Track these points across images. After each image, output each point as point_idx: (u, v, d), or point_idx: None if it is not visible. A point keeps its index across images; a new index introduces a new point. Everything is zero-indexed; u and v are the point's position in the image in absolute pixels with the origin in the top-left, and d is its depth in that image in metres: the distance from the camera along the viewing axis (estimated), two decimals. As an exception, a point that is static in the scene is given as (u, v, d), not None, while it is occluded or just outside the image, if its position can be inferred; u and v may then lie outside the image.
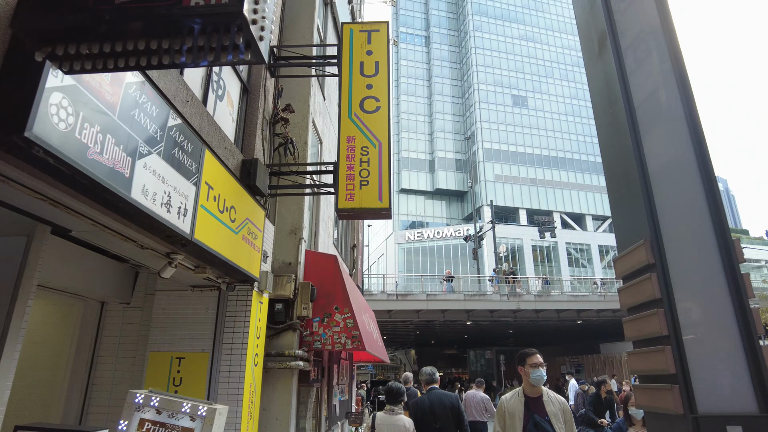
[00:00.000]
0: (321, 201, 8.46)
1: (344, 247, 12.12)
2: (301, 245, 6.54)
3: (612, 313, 25.90)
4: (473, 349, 42.41)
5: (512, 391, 4.25)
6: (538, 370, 4.05)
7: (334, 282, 6.67)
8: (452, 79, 61.16)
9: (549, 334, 32.26)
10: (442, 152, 58.13)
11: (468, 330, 29.98)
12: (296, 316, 6.21)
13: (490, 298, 23.43)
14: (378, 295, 22.58)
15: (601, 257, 52.01)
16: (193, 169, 3.78)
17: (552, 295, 24.45)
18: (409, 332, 33.61)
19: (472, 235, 30.02)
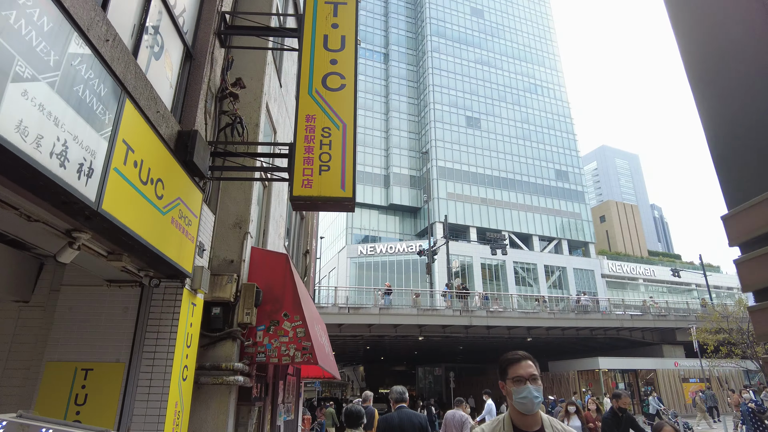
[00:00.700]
0: (272, 196, 7.58)
1: (296, 252, 11.19)
2: (246, 241, 5.63)
3: (561, 332, 26.03)
4: (422, 365, 41.75)
5: (493, 420, 2.47)
6: (524, 389, 2.28)
7: (283, 285, 5.78)
8: (409, 97, 61.49)
9: (499, 351, 32.12)
10: (398, 168, 57.98)
11: (419, 346, 29.33)
12: (237, 323, 5.27)
13: (443, 313, 22.90)
14: (329, 308, 21.55)
15: (547, 277, 53.04)
16: (107, 119, 2.88)
17: (504, 312, 24.24)
18: (358, 348, 32.56)
19: (426, 249, 29.57)
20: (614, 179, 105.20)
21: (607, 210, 70.16)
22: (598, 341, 28.13)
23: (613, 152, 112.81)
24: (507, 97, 61.84)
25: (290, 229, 10.46)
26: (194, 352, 4.64)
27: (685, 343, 27.60)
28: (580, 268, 55.23)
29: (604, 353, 26.69)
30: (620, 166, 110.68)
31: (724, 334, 21.54)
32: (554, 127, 62.66)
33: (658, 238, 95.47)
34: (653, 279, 56.63)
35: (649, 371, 26.69)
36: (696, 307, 30.07)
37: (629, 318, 26.60)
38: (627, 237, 67.59)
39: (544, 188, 58.90)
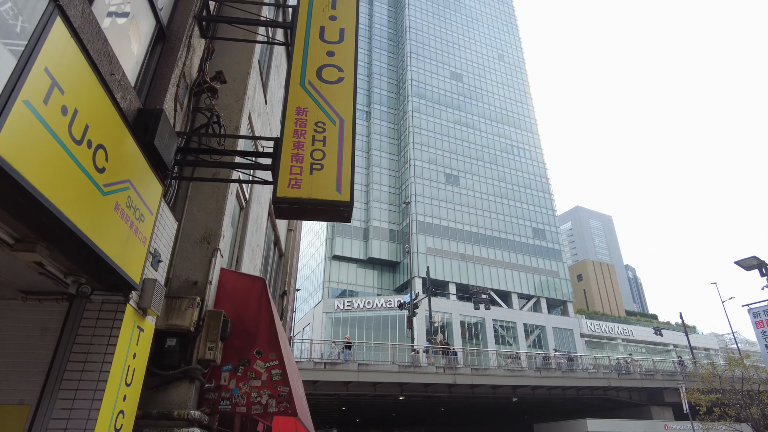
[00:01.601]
0: (249, 221, 6.63)
1: (272, 293, 10.06)
2: (215, 259, 4.61)
3: (547, 391, 24.65)
4: (400, 429, 39.16)
5: None
6: None
7: (258, 316, 4.72)
8: (390, 153, 62.08)
9: (482, 413, 30.29)
10: (377, 221, 57.42)
11: (398, 406, 27.38)
12: (197, 360, 4.16)
13: (426, 370, 21.44)
14: (303, 363, 19.92)
15: (527, 336, 51.84)
16: (19, 28, 1.98)
17: (489, 370, 22.88)
18: (333, 409, 30.26)
19: (407, 302, 28.32)
20: (589, 239, 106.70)
21: (584, 269, 70.27)
22: (585, 401, 26.73)
23: (587, 213, 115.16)
24: (485, 157, 62.99)
25: (267, 266, 9.40)
26: (136, 393, 3.50)
27: (673, 404, 26.43)
28: (559, 327, 54.24)
29: (591, 414, 25.27)
30: (594, 227, 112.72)
31: (717, 394, 20.58)
32: (531, 186, 63.67)
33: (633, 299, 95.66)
34: (632, 339, 55.87)
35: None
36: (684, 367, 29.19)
37: (616, 377, 25.46)
38: (604, 296, 67.33)
39: (522, 246, 58.87)
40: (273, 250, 9.97)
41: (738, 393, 20.19)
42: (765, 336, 10.94)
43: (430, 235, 54.76)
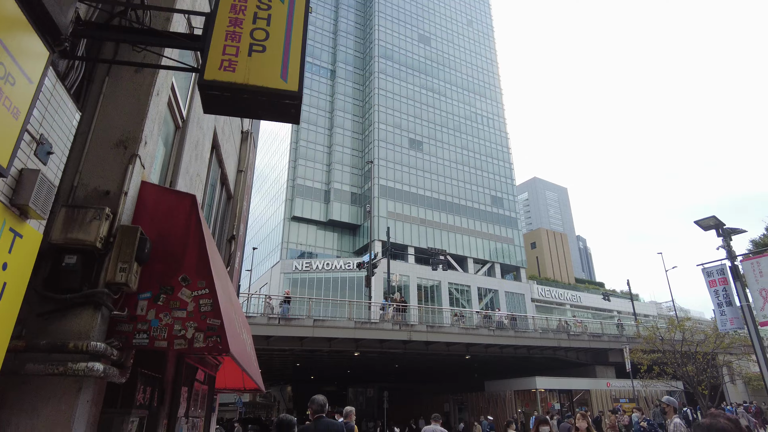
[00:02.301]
0: (186, 142, 5.73)
1: (219, 237, 9.22)
2: (132, 167, 3.76)
3: (499, 350, 25.07)
4: (353, 386, 39.51)
5: None
6: None
7: (185, 237, 3.93)
8: (354, 115, 60.54)
9: (435, 370, 30.73)
10: (339, 184, 56.36)
11: (353, 363, 27.31)
12: (105, 283, 3.37)
13: (382, 327, 21.21)
14: (257, 318, 19.23)
15: (480, 299, 52.97)
16: None
17: (444, 327, 22.92)
18: (287, 365, 29.98)
19: (366, 262, 27.92)
20: (544, 210, 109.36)
21: (538, 237, 72.06)
22: (535, 361, 27.49)
23: (544, 184, 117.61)
24: (449, 123, 62.48)
25: (213, 205, 8.51)
26: (10, 317, 2.70)
27: (616, 364, 27.54)
28: (512, 292, 55.72)
29: (539, 373, 26.02)
30: (550, 198, 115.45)
31: (658, 353, 21.44)
32: (492, 155, 63.91)
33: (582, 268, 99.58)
34: (580, 305, 58.15)
35: (582, 391, 26.28)
36: (627, 331, 30.39)
37: (566, 338, 26.19)
38: (556, 264, 69.50)
39: (480, 213, 59.42)
40: (220, 190, 9.05)
41: (677, 353, 21.09)
42: (717, 294, 11.01)
43: (391, 200, 54.32)
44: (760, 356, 10.30)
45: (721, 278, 11.29)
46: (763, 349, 10.47)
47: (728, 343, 21.39)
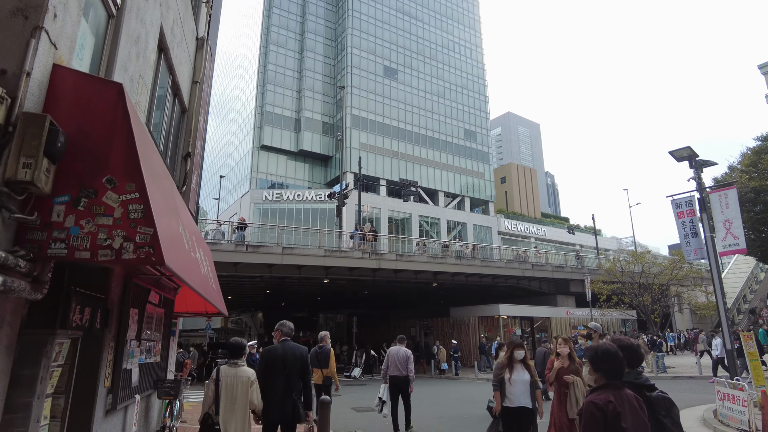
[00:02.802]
0: (123, 34, 4.87)
1: (173, 154, 8.47)
2: (36, 41, 3.02)
3: (465, 278, 25.59)
4: (324, 312, 40.35)
5: None
6: None
7: (111, 133, 3.29)
8: (326, 38, 57.34)
9: (403, 297, 31.42)
10: (310, 112, 54.31)
11: (323, 290, 27.54)
12: (3, 180, 2.77)
13: (351, 254, 21.12)
14: (224, 244, 18.75)
15: (449, 231, 53.72)
16: None
17: (412, 256, 23.06)
18: (258, 292, 30.06)
19: (337, 192, 27.39)
20: (515, 145, 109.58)
21: (509, 172, 72.52)
22: (499, 289, 28.32)
23: (517, 119, 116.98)
24: (425, 51, 60.09)
25: (164, 118, 7.69)
26: None
27: (577, 294, 28.67)
28: (480, 225, 56.67)
29: (503, 301, 26.86)
30: (522, 134, 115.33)
31: (618, 284, 22.28)
32: (468, 86, 62.39)
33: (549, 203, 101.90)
34: (544, 238, 59.84)
35: (543, 319, 27.46)
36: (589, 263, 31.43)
37: (530, 268, 26.89)
38: (524, 198, 70.61)
39: (452, 146, 58.84)
40: (172, 102, 8.18)
41: (635, 284, 21.97)
42: (684, 226, 11.09)
43: (364, 131, 52.94)
44: (716, 282, 10.57)
45: (689, 210, 11.33)
46: (720, 276, 10.73)
47: (682, 275, 22.35)
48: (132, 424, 5.88)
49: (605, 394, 2.51)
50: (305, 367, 5.27)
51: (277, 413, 5.02)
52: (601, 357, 2.64)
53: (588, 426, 2.46)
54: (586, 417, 2.49)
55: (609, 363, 2.60)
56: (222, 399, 4.74)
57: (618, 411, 2.43)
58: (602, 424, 2.42)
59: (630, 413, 2.46)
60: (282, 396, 5.04)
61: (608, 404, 2.43)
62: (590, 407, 2.48)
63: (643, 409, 2.56)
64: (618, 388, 2.55)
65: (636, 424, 2.44)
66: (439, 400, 13.85)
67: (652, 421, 2.80)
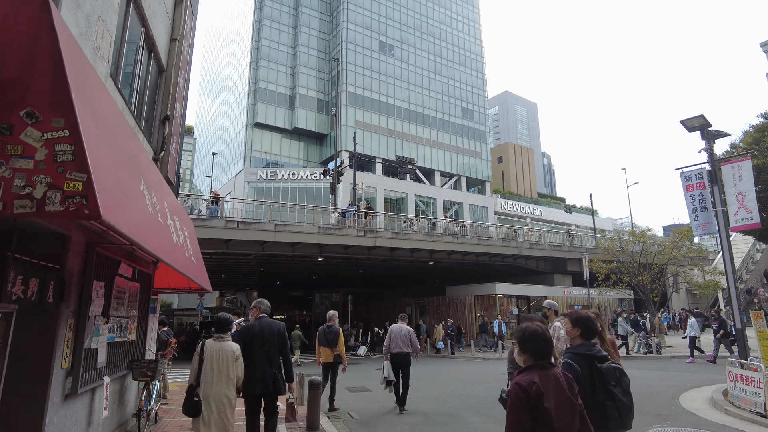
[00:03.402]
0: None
1: (148, 117, 7.76)
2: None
3: (462, 257, 25.12)
4: (320, 291, 39.97)
5: None
6: None
7: (31, 56, 2.63)
8: (321, 13, 55.76)
9: (399, 276, 31.00)
10: (304, 89, 53.07)
11: (317, 269, 27.04)
12: None
13: (346, 232, 20.52)
14: (215, 221, 18.09)
15: (445, 212, 53.16)
16: None
17: (408, 234, 22.49)
18: (252, 271, 29.55)
19: (332, 169, 26.68)
20: (512, 125, 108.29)
21: (505, 151, 71.68)
22: (495, 268, 27.90)
23: (515, 99, 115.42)
24: (422, 27, 58.63)
25: (136, 76, 6.96)
26: None
27: (574, 273, 28.33)
28: (476, 205, 56.13)
29: (499, 280, 26.48)
30: (519, 113, 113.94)
31: (617, 263, 21.86)
32: (465, 63, 61.13)
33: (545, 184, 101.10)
34: (540, 218, 59.44)
35: (540, 297, 27.11)
36: (586, 242, 31.03)
37: (528, 246, 26.42)
38: (521, 178, 69.96)
39: (450, 125, 57.90)
40: (147, 58, 7.43)
41: (634, 263, 21.55)
42: (693, 199, 10.52)
43: (359, 108, 51.86)
44: (727, 259, 10.05)
45: (699, 183, 10.75)
46: (731, 252, 10.20)
47: (682, 255, 21.95)
48: (102, 408, 5.32)
49: (530, 375, 2.50)
50: (283, 342, 5.36)
51: (259, 387, 5.11)
52: (527, 338, 2.62)
53: (512, 407, 2.45)
54: (511, 398, 2.47)
55: (534, 343, 2.58)
56: (205, 372, 4.80)
57: (541, 392, 2.42)
58: (526, 405, 2.42)
59: (554, 393, 2.46)
60: (263, 370, 5.13)
61: (532, 385, 2.43)
62: (515, 388, 2.47)
63: (573, 388, 2.55)
64: (545, 368, 2.54)
65: (559, 404, 2.44)
66: (436, 381, 13.45)
67: (602, 390, 2.90)
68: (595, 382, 2.94)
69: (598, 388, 2.92)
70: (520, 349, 2.66)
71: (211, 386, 4.77)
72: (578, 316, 3.24)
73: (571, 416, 2.48)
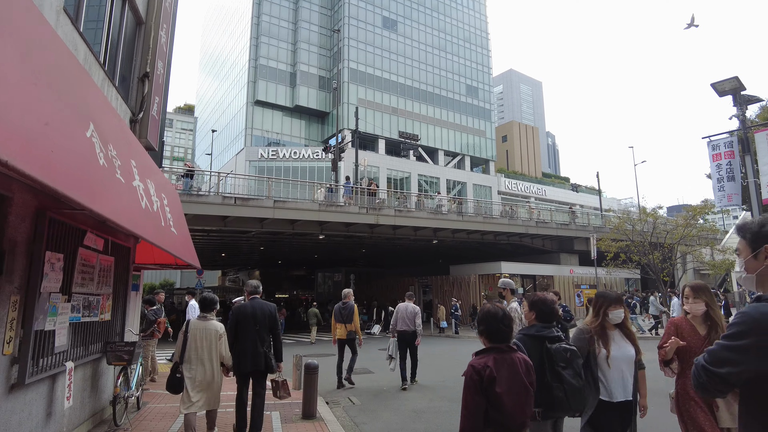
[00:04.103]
0: None
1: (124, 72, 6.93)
2: None
3: (467, 235, 24.36)
4: (322, 271, 39.42)
5: None
6: None
7: None
8: (322, -14, 54.00)
9: (402, 255, 30.33)
10: (306, 66, 51.68)
11: (319, 247, 26.36)
12: None
13: (348, 210, 19.74)
14: (210, 197, 17.32)
15: (448, 191, 52.24)
16: None
17: (412, 212, 21.70)
18: (252, 249, 28.92)
19: (333, 145, 25.78)
20: (517, 104, 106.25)
21: (510, 130, 70.24)
22: (500, 247, 27.16)
23: (519, 77, 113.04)
24: (426, 2, 56.82)
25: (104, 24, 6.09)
26: None
27: (580, 252, 27.58)
28: (480, 184, 55.15)
29: (504, 259, 25.76)
30: (524, 92, 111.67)
31: (627, 241, 21.06)
32: (470, 40, 59.42)
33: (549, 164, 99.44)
34: (544, 198, 58.46)
35: (546, 277, 26.43)
36: (594, 221, 30.20)
37: (534, 225, 25.60)
38: (525, 158, 68.70)
39: (454, 103, 56.55)
40: (120, 7, 6.54)
41: (645, 242, 20.76)
42: (719, 169, 9.70)
43: (362, 85, 50.55)
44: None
45: (728, 151, 9.88)
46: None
47: (695, 234, 21.12)
48: (64, 399, 4.61)
49: (485, 358, 2.48)
50: (274, 322, 5.41)
51: (250, 365, 5.17)
52: (482, 319, 2.59)
53: (467, 389, 2.45)
54: (466, 381, 2.47)
55: (488, 325, 2.55)
56: (189, 350, 4.90)
57: (493, 376, 2.40)
58: (479, 388, 2.40)
59: (507, 378, 2.42)
60: (253, 350, 5.17)
61: (485, 368, 2.42)
62: (470, 370, 2.46)
63: (530, 373, 2.50)
64: (502, 352, 2.51)
65: (512, 389, 2.40)
66: (441, 361, 12.82)
67: (551, 371, 2.83)
68: (545, 364, 2.86)
69: (547, 369, 2.85)
70: (478, 331, 2.62)
71: (196, 364, 4.88)
72: (534, 299, 3.15)
73: (524, 401, 2.42)
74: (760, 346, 1.41)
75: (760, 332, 1.41)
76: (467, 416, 2.38)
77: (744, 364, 1.43)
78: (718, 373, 1.48)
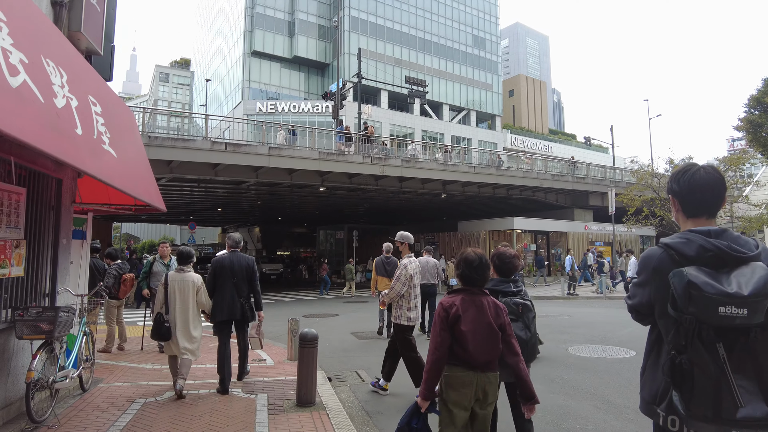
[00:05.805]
0: None
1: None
2: None
3: (477, 188, 22.50)
4: (323, 228, 37.80)
5: None
6: None
7: None
8: (321, -75, 49.73)
9: (408, 211, 28.57)
10: (304, 14, 48.27)
11: (320, 202, 24.57)
12: None
13: (351, 159, 17.79)
14: (198, 142, 15.33)
15: (452, 147, 49.86)
16: None
17: (420, 162, 19.73)
18: (251, 205, 27.18)
19: (334, 92, 23.52)
20: (523, 59, 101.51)
21: (517, 84, 66.90)
22: (511, 203, 25.34)
23: (526, 31, 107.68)
24: (431, -57, 52.50)
25: None
26: None
27: (595, 208, 25.79)
28: (485, 140, 52.78)
29: (516, 214, 24.00)
30: (530, 46, 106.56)
31: (654, 193, 19.17)
32: (477, -15, 55.43)
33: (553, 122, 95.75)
34: (551, 155, 56.12)
35: (559, 233, 24.75)
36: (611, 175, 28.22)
37: (549, 178, 23.67)
38: (532, 113, 65.71)
39: (460, 54, 53.32)
40: None
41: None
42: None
43: (364, 35, 47.32)
44: None
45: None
46: None
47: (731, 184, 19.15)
48: None
49: (454, 298, 2.58)
50: (252, 274, 5.45)
51: (226, 314, 5.28)
52: (458, 263, 2.69)
53: (435, 324, 2.55)
54: (435, 316, 2.58)
55: (462, 269, 2.64)
56: (172, 300, 5.04)
57: (459, 314, 2.49)
58: (446, 323, 2.50)
59: (474, 319, 2.50)
60: (230, 299, 5.28)
61: (452, 306, 2.52)
62: (439, 308, 2.57)
63: (499, 317, 2.57)
64: (473, 294, 2.58)
65: (477, 329, 2.48)
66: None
67: None
68: None
69: None
70: (455, 273, 2.72)
71: (176, 312, 5.02)
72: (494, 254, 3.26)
73: (489, 341, 2.49)
74: (648, 280, 1.61)
75: (648, 269, 1.60)
76: (433, 350, 2.49)
77: (639, 296, 1.65)
78: (629, 304, 1.71)
